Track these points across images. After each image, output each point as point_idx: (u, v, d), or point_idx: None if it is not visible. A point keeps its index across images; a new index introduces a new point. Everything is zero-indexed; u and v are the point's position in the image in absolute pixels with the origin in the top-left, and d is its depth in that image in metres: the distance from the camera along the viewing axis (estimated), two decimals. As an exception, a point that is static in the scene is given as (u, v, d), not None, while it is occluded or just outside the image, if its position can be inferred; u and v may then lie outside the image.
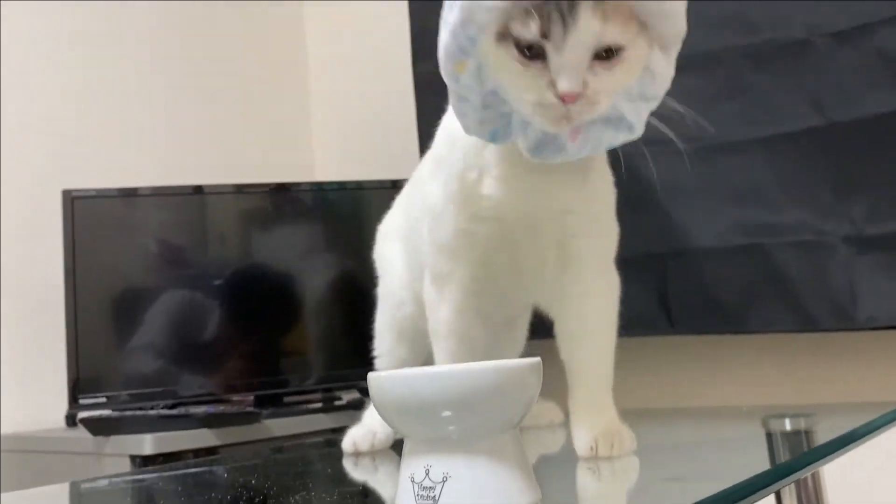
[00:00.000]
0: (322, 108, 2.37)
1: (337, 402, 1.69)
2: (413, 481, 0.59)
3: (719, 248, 1.54)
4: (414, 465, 0.60)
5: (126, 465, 1.39)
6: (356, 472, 0.90)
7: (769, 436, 0.96)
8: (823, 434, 0.87)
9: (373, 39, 2.24)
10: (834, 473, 1.06)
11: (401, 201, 1.09)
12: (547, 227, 0.83)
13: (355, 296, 1.53)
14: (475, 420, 0.59)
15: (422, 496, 0.58)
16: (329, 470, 0.91)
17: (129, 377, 1.67)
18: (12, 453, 1.65)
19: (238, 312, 1.78)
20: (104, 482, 1.03)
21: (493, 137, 0.76)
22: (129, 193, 1.74)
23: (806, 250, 1.46)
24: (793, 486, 1.01)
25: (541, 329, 1.71)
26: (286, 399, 1.74)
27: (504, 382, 0.60)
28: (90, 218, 1.67)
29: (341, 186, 1.92)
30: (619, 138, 0.75)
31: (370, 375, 0.62)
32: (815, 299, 1.45)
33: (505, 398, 0.60)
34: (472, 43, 0.67)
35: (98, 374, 1.65)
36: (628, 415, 1.48)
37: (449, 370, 0.59)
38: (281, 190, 1.85)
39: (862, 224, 1.42)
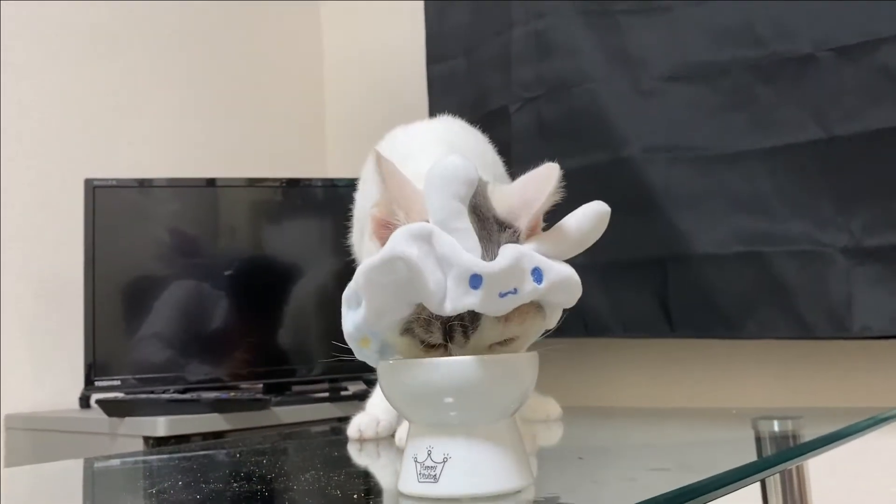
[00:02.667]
0: (336, 105, 2.41)
1: (343, 393, 1.74)
2: (416, 461, 0.64)
3: (720, 255, 1.58)
4: (417, 447, 0.64)
5: (139, 446, 1.44)
6: (360, 457, 0.95)
7: (757, 436, 1.00)
8: (809, 436, 0.91)
9: (388, 39, 2.29)
10: (820, 473, 1.10)
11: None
12: None
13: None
14: (475, 407, 0.63)
15: (423, 475, 0.63)
16: (335, 454, 0.96)
17: (141, 362, 1.72)
18: (29, 432, 1.70)
19: (247, 303, 1.82)
20: (116, 461, 1.07)
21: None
22: (146, 184, 1.79)
23: (804, 260, 1.50)
24: (779, 485, 1.04)
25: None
26: (294, 388, 1.79)
27: (502, 373, 0.64)
28: (110, 207, 1.72)
29: (352, 183, 1.96)
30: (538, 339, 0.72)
31: (381, 363, 0.67)
32: (812, 308, 1.49)
33: (503, 388, 0.64)
34: (376, 335, 0.67)
35: (112, 357, 1.70)
36: (623, 412, 1.53)
37: (452, 361, 0.63)
38: (293, 184, 1.90)
39: (860, 236, 1.45)
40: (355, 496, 0.68)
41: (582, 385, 1.81)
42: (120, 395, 1.63)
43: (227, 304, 1.80)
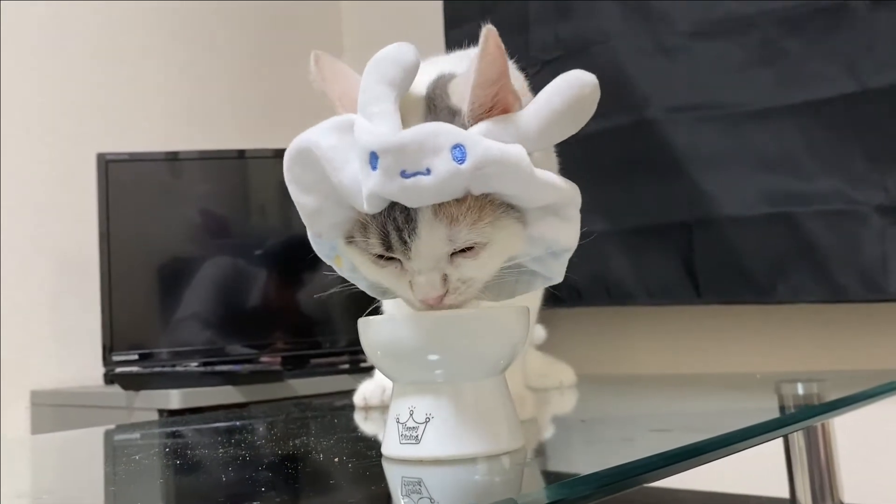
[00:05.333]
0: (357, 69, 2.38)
1: (363, 365, 1.71)
2: (398, 422, 0.60)
3: (748, 217, 1.52)
4: (399, 407, 0.61)
5: (154, 419, 1.43)
6: (364, 425, 0.92)
7: (780, 399, 0.95)
8: (834, 398, 0.86)
9: (407, 6, 2.24)
10: (848, 438, 1.05)
11: None
12: None
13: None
14: (459, 364, 0.60)
15: (405, 436, 0.59)
16: (335, 421, 0.93)
17: (162, 337, 1.72)
18: (54, 407, 1.72)
19: (277, 278, 1.81)
20: (132, 430, 1.06)
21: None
22: (165, 157, 1.78)
23: (837, 219, 1.43)
24: (803, 448, 0.99)
25: (564, 297, 1.72)
26: (313, 361, 1.77)
27: (489, 327, 0.61)
28: (125, 181, 1.71)
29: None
30: (536, 284, 0.63)
31: (360, 320, 0.63)
32: (845, 269, 1.43)
33: (489, 343, 0.60)
34: (333, 248, 0.61)
35: (133, 333, 1.70)
36: (642, 379, 1.48)
37: (436, 314, 0.60)
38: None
39: (896, 193, 1.39)
40: (336, 460, 0.65)
41: (605, 355, 1.76)
42: (139, 368, 1.63)
43: (255, 279, 1.79)
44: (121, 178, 1.70)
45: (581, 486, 0.45)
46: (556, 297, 1.22)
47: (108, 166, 1.68)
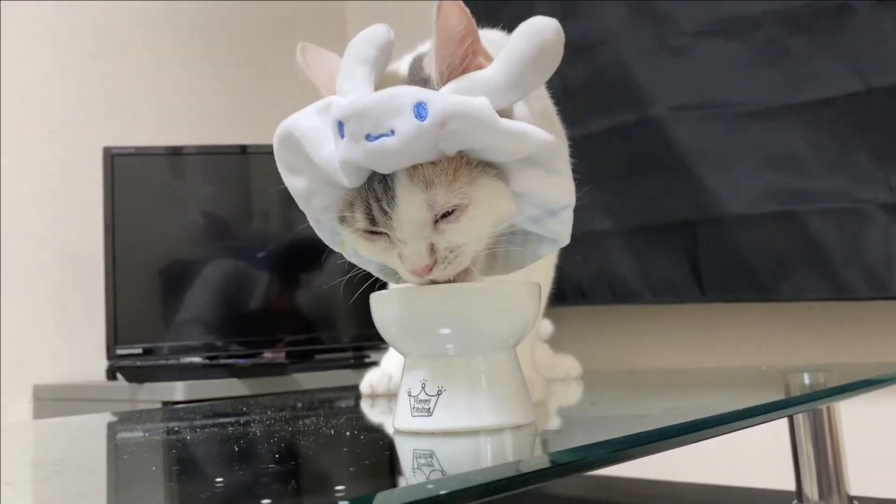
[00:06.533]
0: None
1: (366, 360, 1.71)
2: (410, 395, 0.60)
3: (753, 215, 1.52)
4: (411, 381, 0.61)
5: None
6: (370, 412, 0.92)
7: (787, 387, 0.95)
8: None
9: (409, 11, 2.25)
10: (853, 427, 1.05)
11: None
12: None
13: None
14: (471, 337, 0.60)
15: (417, 409, 0.59)
16: (342, 405, 0.93)
17: (165, 331, 1.71)
18: (56, 402, 1.71)
19: (279, 280, 1.81)
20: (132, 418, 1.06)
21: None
22: (171, 152, 1.78)
23: (842, 218, 1.44)
24: (809, 430, 0.99)
25: (569, 296, 1.72)
26: (317, 357, 1.77)
27: (501, 301, 0.61)
28: (131, 176, 1.71)
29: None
30: (544, 250, 0.63)
31: (372, 295, 0.63)
32: (850, 268, 1.43)
33: (502, 317, 0.61)
34: (333, 231, 0.62)
35: (136, 328, 1.69)
36: (647, 372, 1.48)
37: (448, 288, 0.60)
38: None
39: (901, 191, 1.39)
40: (347, 433, 0.65)
41: (610, 353, 1.76)
42: (143, 360, 1.62)
43: (258, 277, 1.79)
44: (126, 172, 1.70)
45: (598, 449, 0.45)
46: (560, 295, 1.22)
47: (115, 160, 1.68)
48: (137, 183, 1.72)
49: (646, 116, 1.65)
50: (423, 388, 0.60)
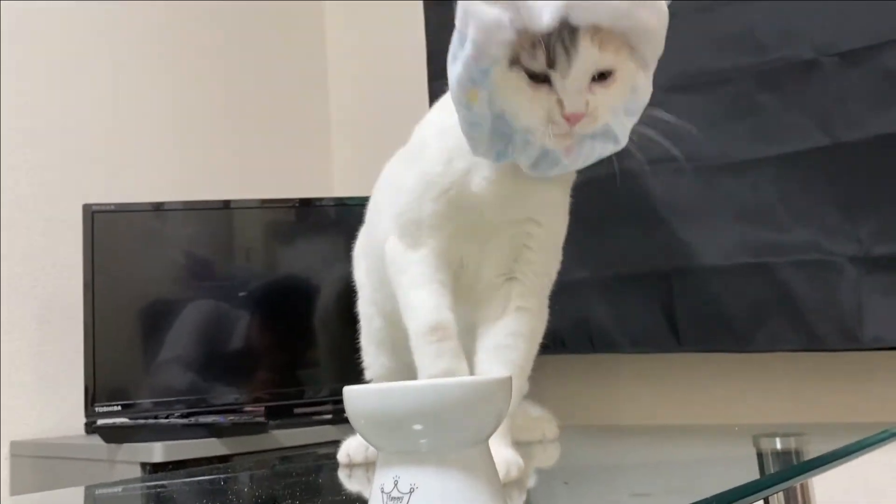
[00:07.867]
0: (341, 126, 2.41)
1: (346, 415, 1.71)
2: (382, 491, 0.61)
3: (726, 267, 1.55)
4: (384, 476, 0.62)
5: (137, 473, 1.42)
6: (349, 483, 0.92)
7: (759, 455, 0.96)
8: (813, 453, 0.87)
9: (390, 59, 2.28)
10: (830, 492, 1.06)
11: (366, 219, 1.14)
12: (511, 229, 0.90)
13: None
14: (444, 434, 0.61)
15: (390, 506, 0.60)
16: (319, 481, 0.94)
17: (146, 388, 1.71)
18: (33, 458, 1.70)
19: (261, 324, 1.81)
20: (116, 488, 1.06)
21: (498, 157, 0.83)
22: (151, 208, 1.79)
23: (813, 270, 1.46)
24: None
25: (549, 345, 1.73)
26: (297, 411, 1.76)
27: (473, 397, 0.62)
28: (111, 232, 1.71)
29: (363, 202, 1.95)
30: (607, 150, 0.83)
31: (345, 389, 0.65)
32: (822, 319, 1.45)
33: (474, 413, 0.62)
34: (485, 75, 0.75)
35: (115, 383, 1.69)
36: (624, 431, 1.49)
37: (419, 385, 0.61)
38: (305, 204, 1.90)
39: (869, 244, 1.41)
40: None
41: (589, 402, 1.77)
42: (121, 420, 1.61)
43: (241, 326, 1.79)
44: (106, 228, 1.70)
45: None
46: (541, 344, 1.23)
47: (94, 217, 1.69)
48: (118, 239, 1.73)
49: (621, 168, 1.67)
50: (395, 485, 0.61)
